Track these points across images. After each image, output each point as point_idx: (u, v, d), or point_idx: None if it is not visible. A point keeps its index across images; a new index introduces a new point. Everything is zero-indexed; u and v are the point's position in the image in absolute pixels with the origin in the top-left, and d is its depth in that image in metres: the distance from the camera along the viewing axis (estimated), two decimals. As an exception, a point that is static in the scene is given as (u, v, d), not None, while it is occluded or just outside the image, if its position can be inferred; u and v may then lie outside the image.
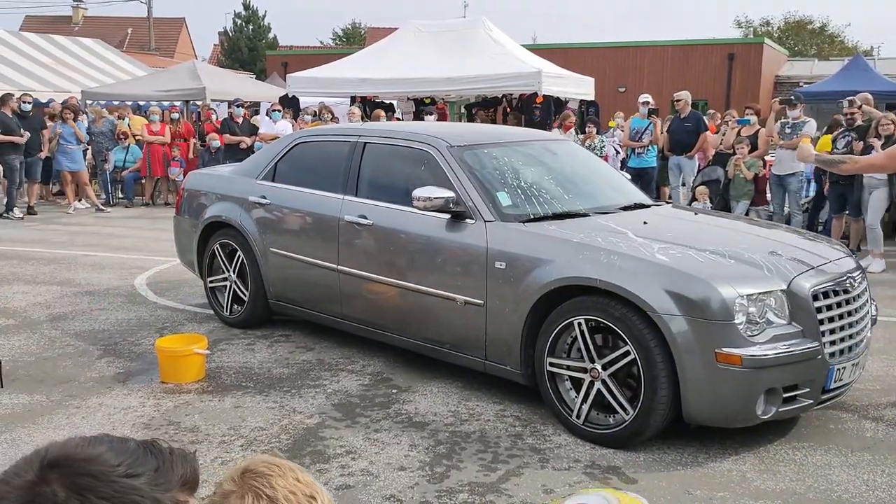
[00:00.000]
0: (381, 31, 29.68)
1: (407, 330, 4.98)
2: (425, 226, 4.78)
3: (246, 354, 5.50)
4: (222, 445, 4.01)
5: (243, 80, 21.35)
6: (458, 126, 8.55)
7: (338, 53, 24.28)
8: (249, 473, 1.20)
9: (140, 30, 37.98)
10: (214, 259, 6.25)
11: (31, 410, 4.45)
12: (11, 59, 18.56)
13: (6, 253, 9.18)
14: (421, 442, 4.07)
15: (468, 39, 13.85)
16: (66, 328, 6.07)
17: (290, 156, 5.96)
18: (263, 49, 38.56)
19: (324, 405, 4.57)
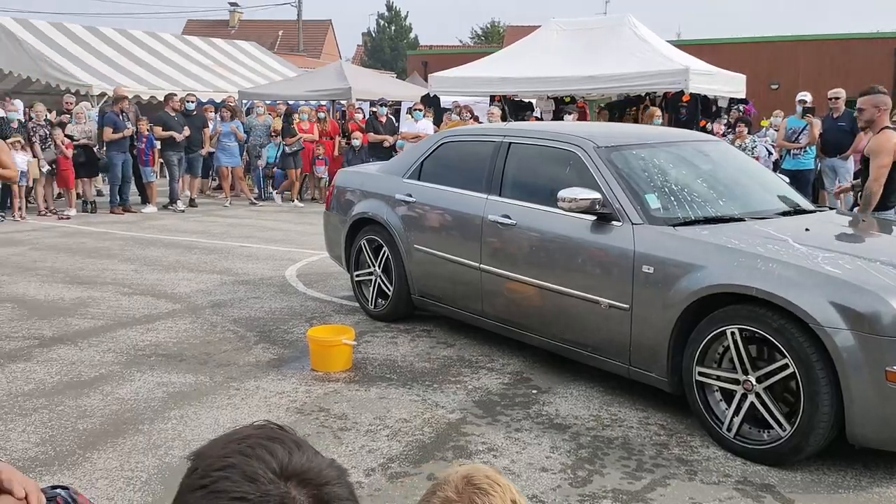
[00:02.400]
0: (521, 30, 29.65)
1: (547, 330, 4.98)
2: (570, 227, 4.76)
3: (389, 347, 5.67)
4: (369, 434, 4.17)
5: (386, 80, 21.93)
6: (605, 126, 8.43)
7: (476, 53, 24.49)
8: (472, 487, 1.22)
9: (290, 32, 39.77)
10: (361, 254, 6.48)
11: (196, 390, 4.79)
12: (175, 60, 19.90)
13: (172, 242, 9.90)
14: (562, 444, 4.06)
15: (612, 37, 13.61)
16: (226, 314, 6.48)
17: (435, 155, 6.09)
18: (405, 49, 39.49)
19: (465, 401, 4.65)
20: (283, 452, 0.92)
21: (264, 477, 0.89)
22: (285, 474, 0.90)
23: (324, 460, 0.96)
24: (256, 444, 0.93)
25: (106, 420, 4.30)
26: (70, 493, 2.15)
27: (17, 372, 5.05)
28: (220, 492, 0.88)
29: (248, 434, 0.95)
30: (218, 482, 0.89)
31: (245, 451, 0.91)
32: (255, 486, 0.88)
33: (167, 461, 3.82)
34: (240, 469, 0.89)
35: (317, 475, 0.92)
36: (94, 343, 5.67)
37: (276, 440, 0.94)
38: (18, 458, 3.79)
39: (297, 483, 0.90)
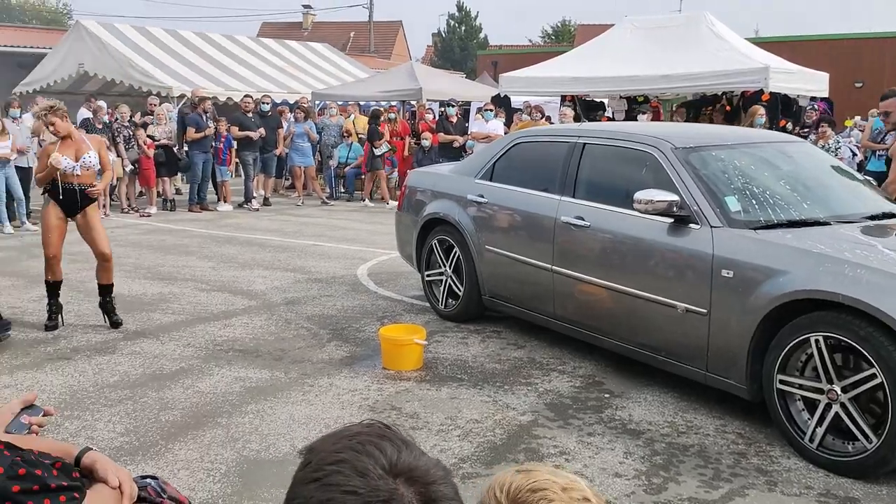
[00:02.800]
0: (592, 29, 29.35)
1: (620, 334, 4.92)
2: (646, 229, 4.69)
3: (460, 348, 5.69)
4: (440, 434, 4.19)
5: (456, 80, 22.00)
6: (682, 126, 8.26)
7: (546, 52, 24.35)
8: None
9: (361, 33, 40.29)
10: (432, 254, 6.52)
11: (271, 385, 4.89)
12: (251, 62, 20.38)
13: (247, 240, 10.15)
14: (636, 450, 4.00)
15: (687, 34, 13.33)
16: (300, 311, 6.60)
17: (507, 156, 6.08)
18: (474, 49, 39.53)
19: (536, 404, 4.63)
20: (393, 450, 0.96)
21: (374, 473, 0.92)
22: (394, 471, 0.93)
23: (430, 460, 0.98)
24: (367, 441, 0.96)
25: (187, 412, 4.44)
26: (159, 483, 2.23)
27: (104, 364, 5.25)
28: (333, 485, 0.91)
29: (358, 431, 0.99)
30: (330, 476, 0.92)
31: (356, 448, 0.95)
32: (366, 481, 0.91)
33: (245, 454, 3.92)
34: (351, 464, 0.93)
35: (424, 474, 0.95)
36: (174, 337, 5.86)
37: (385, 438, 0.98)
38: (104, 447, 3.94)
39: (405, 480, 0.93)
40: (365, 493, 0.90)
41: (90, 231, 6.11)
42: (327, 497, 0.91)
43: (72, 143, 5.99)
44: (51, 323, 6.05)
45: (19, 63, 21.53)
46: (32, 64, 19.35)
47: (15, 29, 29.26)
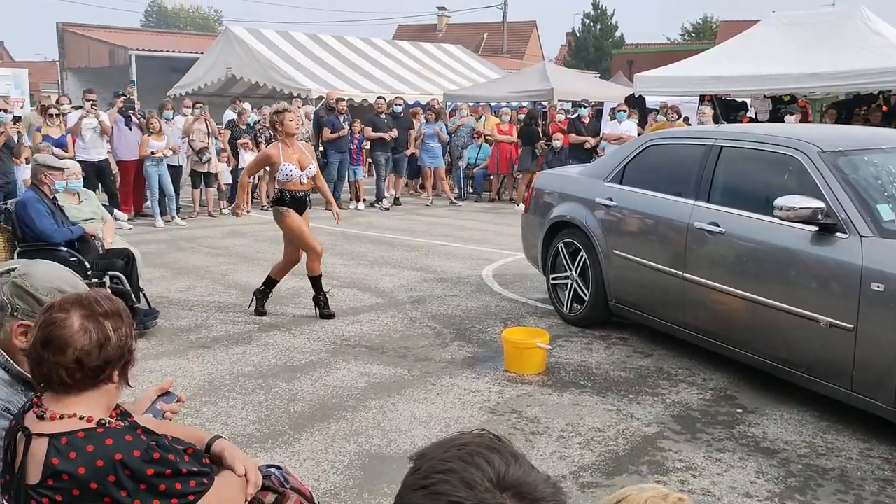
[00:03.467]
0: (736, 25, 28.11)
1: (756, 346, 4.67)
2: (787, 237, 4.43)
3: (584, 353, 5.59)
4: (561, 440, 4.13)
5: (589, 80, 21.68)
6: (831, 128, 7.77)
7: (686, 50, 23.54)
8: None
9: (495, 34, 40.40)
10: (558, 257, 6.44)
11: (395, 382, 4.98)
12: (386, 64, 20.89)
13: (377, 238, 10.41)
14: (770, 470, 3.79)
15: (840, 30, 12.52)
16: (425, 310, 6.69)
17: (639, 158, 5.92)
18: (609, 48, 38.79)
19: (662, 415, 4.48)
20: (501, 463, 0.94)
21: (481, 485, 0.91)
22: (502, 485, 0.92)
23: (540, 475, 0.96)
24: (476, 452, 0.95)
25: (314, 404, 4.59)
26: (283, 473, 2.31)
27: (239, 354, 5.52)
28: (440, 494, 0.91)
29: (468, 441, 0.98)
30: (438, 484, 0.93)
31: (465, 458, 0.94)
32: (473, 493, 0.90)
33: (367, 448, 4.01)
34: (459, 474, 0.92)
35: (532, 489, 0.93)
36: (305, 331, 6.08)
37: (495, 450, 0.96)
38: (237, 433, 4.14)
39: (512, 495, 0.92)
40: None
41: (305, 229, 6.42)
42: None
43: (294, 150, 6.22)
44: (327, 311, 6.41)
45: (173, 67, 23.07)
46: (185, 68, 20.66)
47: (171, 35, 31.35)
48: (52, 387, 1.80)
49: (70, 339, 1.76)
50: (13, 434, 1.81)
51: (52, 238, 5.77)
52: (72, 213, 6.30)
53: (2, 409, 1.96)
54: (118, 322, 1.83)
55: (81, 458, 1.72)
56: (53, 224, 5.79)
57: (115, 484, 1.72)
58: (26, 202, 5.81)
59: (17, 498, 1.76)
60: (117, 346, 1.82)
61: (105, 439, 1.75)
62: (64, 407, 1.79)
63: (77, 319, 1.78)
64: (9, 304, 2.06)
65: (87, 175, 10.10)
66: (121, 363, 1.84)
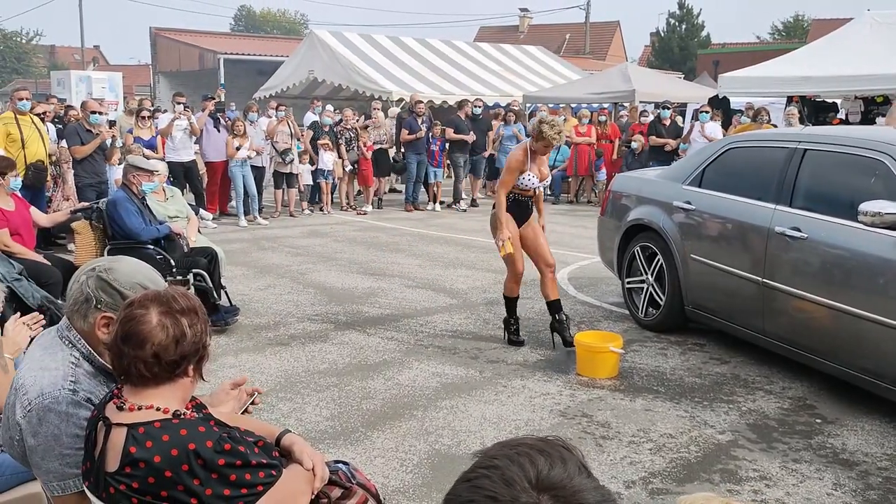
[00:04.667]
0: (828, 24, 27.08)
1: (838, 355, 4.53)
2: (872, 244, 4.28)
3: (658, 358, 5.52)
4: (631, 445, 4.10)
5: (672, 81, 21.24)
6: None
7: (775, 49, 22.81)
8: None
9: (577, 34, 40.04)
10: (633, 261, 6.37)
11: (466, 382, 5.03)
12: (467, 66, 20.97)
13: (453, 240, 10.49)
14: (847, 482, 3.68)
15: (938, 28, 11.94)
16: (498, 312, 6.69)
17: (719, 161, 5.80)
18: (695, 48, 37.89)
19: (737, 423, 4.39)
20: (545, 464, 0.96)
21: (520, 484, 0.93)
22: (541, 486, 0.93)
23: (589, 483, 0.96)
24: (523, 452, 0.98)
25: (386, 403, 4.68)
26: (350, 469, 2.39)
27: (315, 352, 5.68)
28: (479, 487, 0.94)
29: (522, 441, 1.01)
30: (479, 479, 0.96)
31: (511, 457, 0.97)
32: (509, 490, 0.93)
33: (437, 448, 4.07)
34: (501, 471, 0.95)
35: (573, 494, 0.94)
36: (379, 330, 6.20)
37: (544, 452, 0.98)
38: (311, 429, 4.26)
39: (551, 496, 0.93)
40: (504, 501, 0.92)
41: (536, 240, 5.81)
42: (470, 498, 0.94)
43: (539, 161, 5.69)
44: (518, 339, 5.86)
45: (259, 70, 23.77)
46: (271, 71, 21.25)
47: (258, 39, 32.27)
48: (132, 379, 1.90)
49: (148, 335, 1.85)
50: (94, 424, 1.92)
51: (141, 236, 6.03)
52: (158, 210, 6.55)
53: (84, 400, 2.07)
54: (194, 318, 1.92)
55: (157, 447, 1.81)
56: (142, 223, 6.06)
57: (188, 472, 1.81)
58: (116, 201, 6.09)
59: (98, 484, 1.86)
60: (192, 342, 1.90)
61: (180, 429, 1.84)
62: (142, 398, 1.89)
63: (155, 316, 1.87)
64: (94, 296, 2.17)
65: (176, 175, 10.56)
66: (196, 358, 1.93)
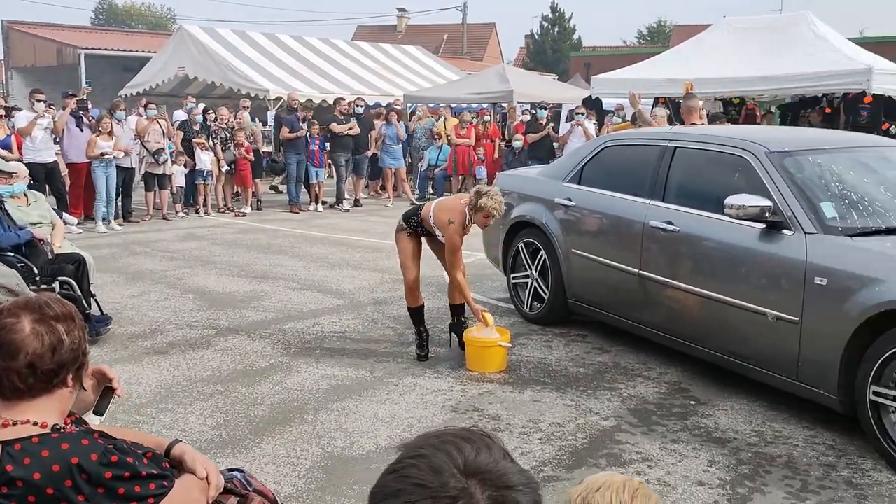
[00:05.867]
0: (688, 29, 28.59)
1: (708, 341, 4.81)
2: (737, 235, 4.57)
3: (544, 351, 5.68)
4: (522, 436, 4.20)
5: (547, 82, 21.87)
6: (777, 130, 8.00)
7: (641, 53, 23.89)
8: None
9: (454, 35, 40.51)
10: (518, 256, 6.52)
11: (357, 383, 5.01)
12: (346, 65, 20.81)
13: (337, 240, 10.40)
14: (721, 459, 3.92)
15: (788, 35, 12.88)
16: (386, 312, 6.73)
17: (597, 159, 6.03)
18: (567, 50, 39.15)
19: (619, 409, 4.59)
20: (471, 451, 0.98)
21: (448, 470, 0.95)
22: (468, 471, 0.95)
23: (513, 466, 0.99)
24: (449, 441, 0.99)
25: (275, 408, 4.60)
26: (245, 476, 2.33)
27: (197, 359, 5.49)
28: (407, 477, 0.96)
29: (446, 432, 1.03)
30: (406, 469, 0.97)
31: (437, 446, 0.99)
32: (437, 477, 0.94)
33: (329, 451, 4.03)
34: (428, 460, 0.97)
35: (499, 477, 0.96)
36: (265, 334, 6.07)
37: (468, 440, 1.00)
38: (196, 440, 4.12)
39: (478, 481, 0.95)
40: (434, 487, 0.93)
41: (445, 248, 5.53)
42: (399, 488, 0.95)
43: None
44: (422, 352, 5.53)
45: (125, 67, 22.68)
46: (137, 67, 20.34)
47: (122, 33, 30.79)
48: (4, 393, 1.76)
49: (21, 344, 1.73)
50: None
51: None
52: (19, 216, 6.15)
53: None
54: (70, 325, 1.80)
55: (36, 464, 1.70)
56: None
57: (73, 488, 1.70)
58: (-32, 207, 5.67)
59: None
60: (71, 350, 1.79)
61: (61, 444, 1.73)
62: (17, 413, 1.76)
63: (28, 323, 1.75)
64: None
65: (37, 177, 9.89)
66: (75, 367, 1.81)
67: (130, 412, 4.48)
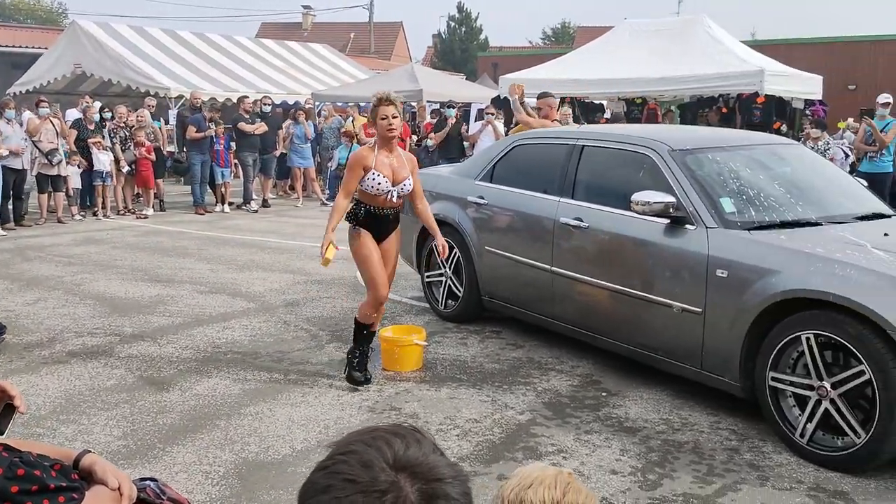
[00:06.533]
0: (592, 31, 29.39)
1: (618, 334, 4.95)
2: (643, 230, 4.73)
3: (459, 348, 5.72)
4: (439, 433, 4.22)
5: (456, 82, 22.02)
6: (679, 129, 8.31)
7: (547, 54, 24.38)
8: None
9: (361, 34, 40.32)
10: (432, 255, 6.54)
11: (271, 387, 4.92)
12: (250, 63, 20.38)
13: (246, 242, 10.18)
14: (632, 447, 4.04)
15: (685, 37, 13.41)
16: (299, 313, 6.63)
17: (508, 157, 6.12)
18: (475, 50, 39.54)
19: (534, 403, 4.67)
20: (401, 445, 0.99)
21: (377, 465, 0.95)
22: (398, 465, 0.96)
23: (443, 460, 1.00)
24: (379, 437, 1.00)
25: (184, 416, 4.46)
26: (159, 485, 2.26)
27: (100, 368, 5.27)
28: (337, 472, 0.96)
29: (377, 428, 1.03)
30: (336, 465, 0.97)
31: (367, 441, 0.99)
32: (367, 472, 0.95)
33: (243, 456, 3.94)
34: (358, 455, 0.97)
35: (429, 470, 0.97)
36: (172, 340, 5.88)
37: (398, 435, 1.01)
38: (101, 451, 3.95)
39: (408, 475, 0.95)
40: (363, 482, 0.93)
41: (387, 262, 4.98)
42: (328, 483, 0.95)
43: (394, 157, 4.97)
44: (363, 376, 4.90)
45: (14, 63, 21.55)
46: (27, 64, 19.35)
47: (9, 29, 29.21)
48: None
49: None
50: None
51: None
52: None
53: None
54: None
55: None
56: None
57: None
58: None
59: None
60: None
61: None
62: None
63: None
64: None
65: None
66: None
67: (29, 424, 4.26)
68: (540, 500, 1.29)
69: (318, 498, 0.95)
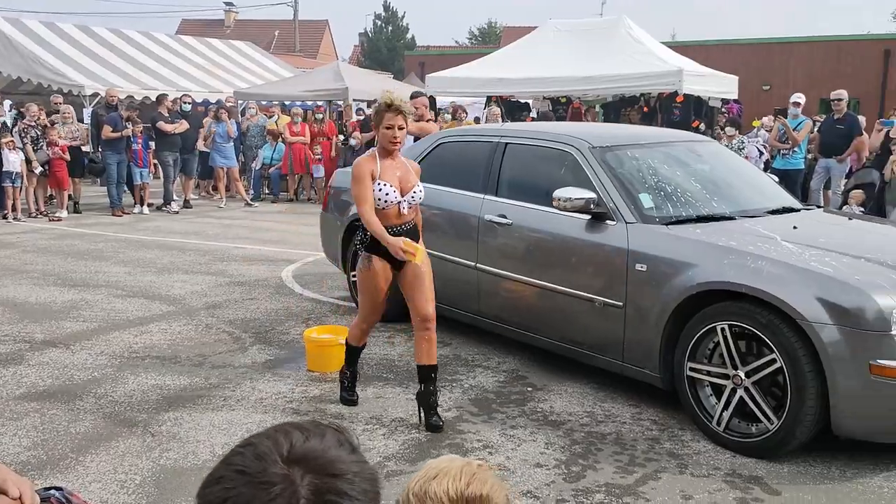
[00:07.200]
0: (517, 31, 29.69)
1: (543, 329, 5.00)
2: (565, 226, 4.79)
3: (386, 347, 5.69)
4: (365, 433, 4.18)
5: (383, 80, 21.92)
6: (599, 126, 8.48)
7: (473, 53, 24.53)
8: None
9: (286, 32, 39.75)
10: (357, 254, 6.48)
11: (191, 392, 4.79)
12: (170, 60, 19.87)
13: (166, 244, 9.89)
14: (557, 440, 4.09)
15: (607, 38, 13.67)
16: (221, 316, 6.48)
17: (432, 155, 6.11)
18: (402, 49, 39.48)
19: (461, 399, 4.67)
20: (300, 437, 0.95)
21: (271, 457, 0.92)
22: (292, 458, 0.93)
23: (349, 457, 0.95)
24: (281, 429, 0.97)
25: (99, 423, 4.30)
26: (64, 494, 2.16)
27: (8, 376, 5.03)
28: (230, 464, 0.94)
29: (286, 423, 1.00)
30: (233, 456, 0.95)
31: (269, 434, 0.96)
32: (259, 463, 0.92)
33: (161, 463, 3.82)
34: (255, 447, 0.94)
35: (326, 464, 0.93)
36: (86, 346, 5.67)
37: (301, 428, 0.97)
38: (10, 462, 3.77)
39: (301, 468, 0.92)
40: (253, 473, 0.91)
41: (417, 285, 4.35)
42: (221, 475, 0.93)
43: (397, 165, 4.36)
44: (352, 397, 4.61)
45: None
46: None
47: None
48: None
49: None
50: None
51: None
52: None
53: None
54: None
55: None
56: None
57: None
58: None
59: None
60: None
61: None
62: None
63: None
64: None
65: None
66: None
67: (-70, 439, 4.04)
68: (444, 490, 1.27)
69: (211, 489, 0.93)
